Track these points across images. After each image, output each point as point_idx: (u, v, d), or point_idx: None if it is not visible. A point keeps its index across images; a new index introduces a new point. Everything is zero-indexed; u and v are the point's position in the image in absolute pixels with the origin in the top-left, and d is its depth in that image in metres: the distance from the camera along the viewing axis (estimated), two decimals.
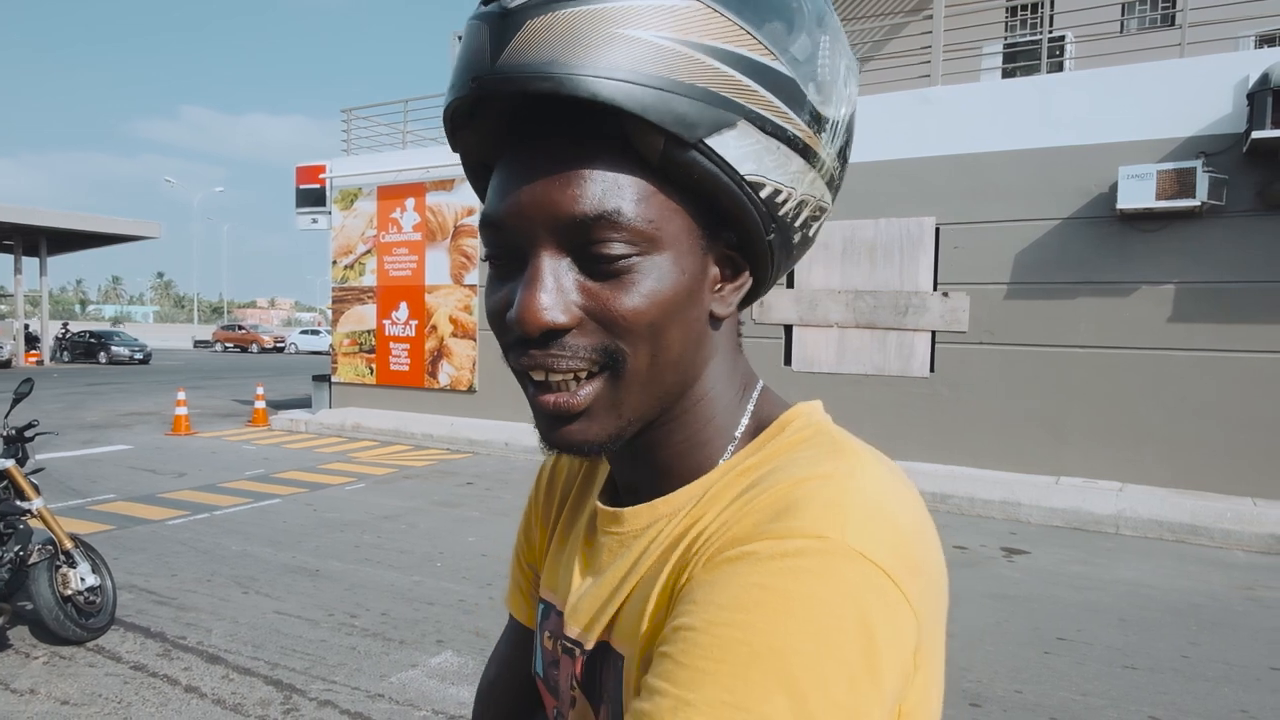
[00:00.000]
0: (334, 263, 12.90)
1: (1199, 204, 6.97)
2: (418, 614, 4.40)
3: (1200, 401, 7.26)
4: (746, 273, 0.53)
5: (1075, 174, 7.63)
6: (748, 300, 0.56)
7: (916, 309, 8.40)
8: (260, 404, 12.52)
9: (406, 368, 12.10)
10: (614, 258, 0.47)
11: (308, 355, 37.43)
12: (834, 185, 0.53)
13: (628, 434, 0.51)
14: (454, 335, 11.64)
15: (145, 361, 28.28)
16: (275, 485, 7.82)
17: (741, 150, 0.46)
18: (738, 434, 0.56)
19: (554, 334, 0.47)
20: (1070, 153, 7.66)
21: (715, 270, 0.52)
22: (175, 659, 3.74)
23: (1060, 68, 9.30)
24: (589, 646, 0.57)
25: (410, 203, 11.96)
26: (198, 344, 46.83)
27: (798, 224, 0.52)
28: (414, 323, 12.02)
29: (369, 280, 12.49)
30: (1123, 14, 11.68)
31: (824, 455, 0.49)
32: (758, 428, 0.56)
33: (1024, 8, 12.05)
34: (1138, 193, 7.16)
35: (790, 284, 8.96)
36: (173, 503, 6.96)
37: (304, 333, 42.61)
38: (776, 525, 0.44)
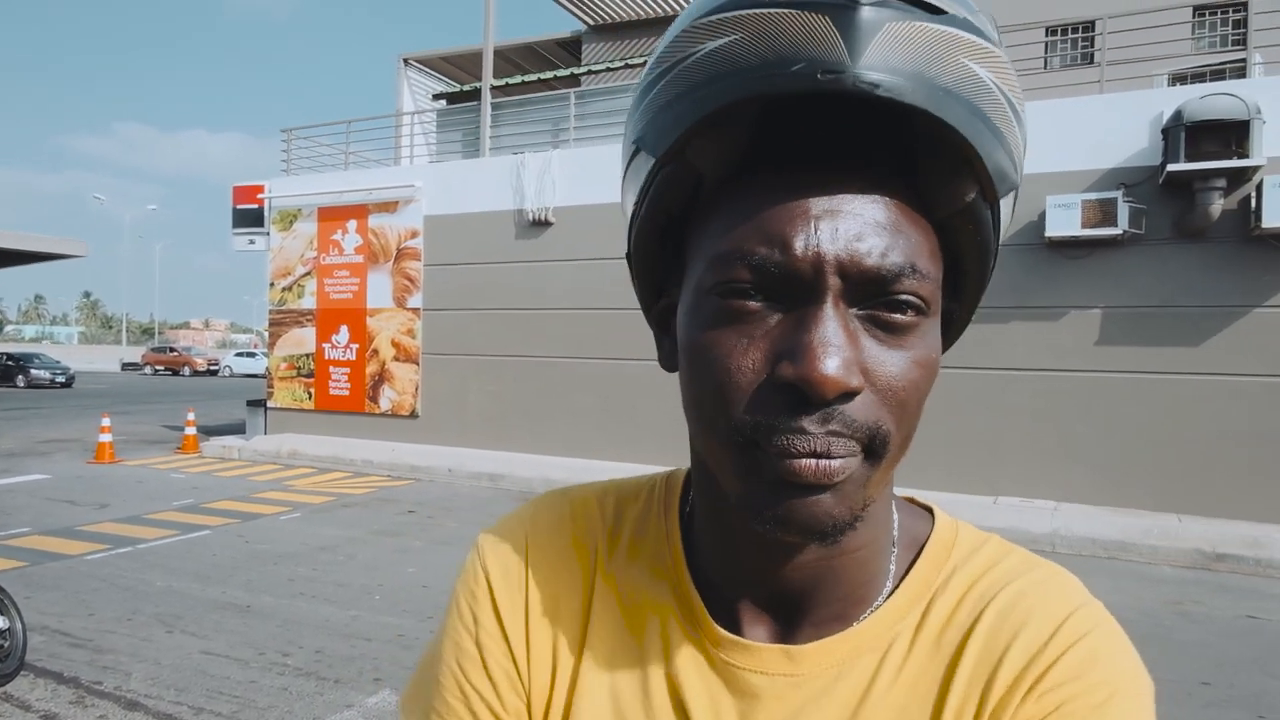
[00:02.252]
0: (271, 284, 12.56)
1: (1121, 232, 7.28)
2: (354, 650, 4.24)
3: (1126, 421, 7.54)
4: None
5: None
6: None
7: None
8: (191, 430, 12.05)
9: (346, 392, 11.81)
10: (906, 316, 0.41)
11: (243, 378, 36.30)
12: None
13: (861, 521, 0.44)
14: (396, 359, 11.42)
15: (68, 385, 27.03)
16: (205, 516, 7.51)
17: (1006, 215, 0.44)
18: (895, 539, 0.51)
19: (843, 398, 0.40)
20: None
21: None
22: (90, 706, 3.52)
23: None
24: None
25: (352, 224, 11.73)
26: (126, 366, 45.01)
27: None
28: (355, 346, 11.76)
29: (308, 303, 12.18)
30: (1046, 51, 12.23)
31: (1054, 579, 0.49)
32: (910, 533, 0.52)
33: None
34: (1064, 221, 7.46)
35: None
36: (92, 536, 6.61)
37: (239, 355, 41.37)
38: (1102, 669, 0.45)
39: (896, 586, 0.50)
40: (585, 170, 10.10)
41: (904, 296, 0.41)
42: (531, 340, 10.47)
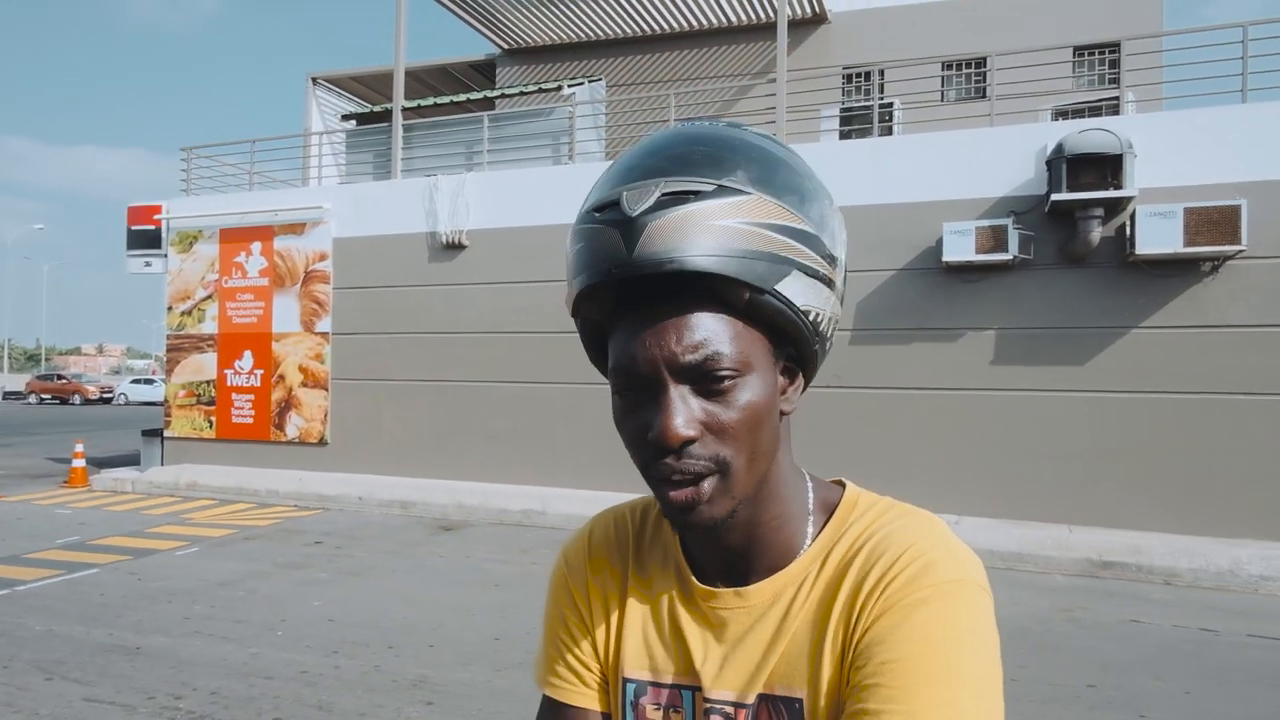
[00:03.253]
0: (170, 309, 11.99)
1: (1011, 258, 7.71)
2: (253, 690, 4.05)
3: (1019, 437, 7.93)
4: (800, 376, 0.71)
5: (906, 229, 8.27)
6: None
7: None
8: (79, 462, 11.35)
9: (250, 420, 11.33)
10: (720, 383, 0.62)
11: (140, 406, 34.41)
12: (842, 300, 0.71)
13: (738, 511, 0.67)
14: (304, 385, 11.04)
15: None
16: (92, 553, 7.06)
17: (796, 289, 0.63)
18: (811, 508, 0.74)
19: (685, 445, 0.62)
20: (901, 209, 8.30)
21: (782, 379, 0.69)
22: None
23: (890, 131, 10.10)
24: (749, 701, 0.71)
25: (257, 246, 11.33)
26: (8, 395, 42.02)
27: (830, 334, 0.70)
28: (259, 372, 11.31)
29: (209, 327, 11.68)
30: (942, 85, 12.89)
31: (916, 522, 0.69)
32: (825, 502, 0.74)
33: (858, 75, 13.06)
34: (960, 246, 7.84)
35: None
36: None
37: (136, 382, 39.16)
38: (929, 577, 0.63)
39: (813, 541, 0.72)
40: (499, 193, 10.06)
41: (718, 372, 0.62)
42: (445, 364, 10.30)
